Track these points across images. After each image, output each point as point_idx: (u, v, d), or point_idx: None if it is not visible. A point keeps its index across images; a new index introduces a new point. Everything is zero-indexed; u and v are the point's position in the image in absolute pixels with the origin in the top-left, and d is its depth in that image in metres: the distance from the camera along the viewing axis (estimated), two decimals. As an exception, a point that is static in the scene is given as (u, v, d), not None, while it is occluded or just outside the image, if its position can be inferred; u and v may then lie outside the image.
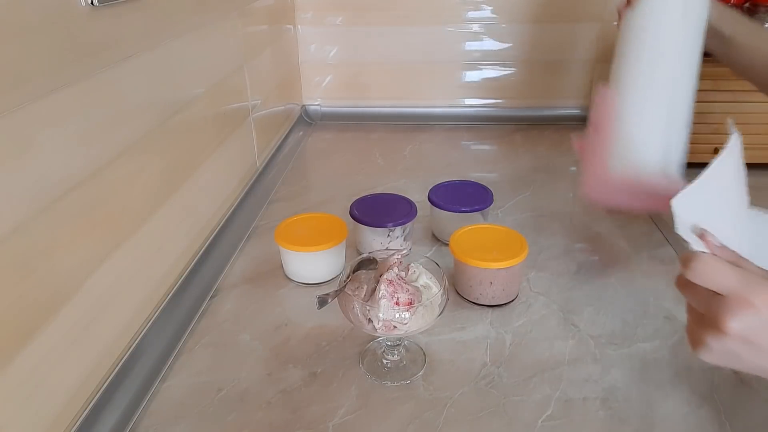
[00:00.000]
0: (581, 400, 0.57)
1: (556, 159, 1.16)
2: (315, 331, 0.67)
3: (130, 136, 0.61)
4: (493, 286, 0.69)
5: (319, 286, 0.75)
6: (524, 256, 0.69)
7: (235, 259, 0.82)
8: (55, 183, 0.49)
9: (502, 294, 0.70)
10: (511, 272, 0.69)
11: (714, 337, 0.39)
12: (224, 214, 0.88)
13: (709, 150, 1.05)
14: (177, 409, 0.57)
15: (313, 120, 1.40)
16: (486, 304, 0.70)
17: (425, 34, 1.31)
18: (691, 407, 0.56)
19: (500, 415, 0.56)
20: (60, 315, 0.50)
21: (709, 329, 0.40)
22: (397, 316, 0.55)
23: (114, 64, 0.57)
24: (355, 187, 1.00)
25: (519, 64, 1.32)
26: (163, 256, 0.70)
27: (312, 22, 1.32)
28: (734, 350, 0.39)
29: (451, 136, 1.28)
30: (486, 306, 0.70)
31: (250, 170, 1.03)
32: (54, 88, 0.48)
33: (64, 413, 0.51)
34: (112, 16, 0.56)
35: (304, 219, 0.79)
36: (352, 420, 0.55)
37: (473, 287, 0.70)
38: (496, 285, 0.69)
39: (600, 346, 0.64)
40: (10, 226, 0.44)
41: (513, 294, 0.71)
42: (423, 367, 0.62)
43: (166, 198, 0.69)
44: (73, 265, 0.52)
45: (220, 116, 0.88)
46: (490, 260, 0.67)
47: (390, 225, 0.78)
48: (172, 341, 0.65)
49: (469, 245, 0.70)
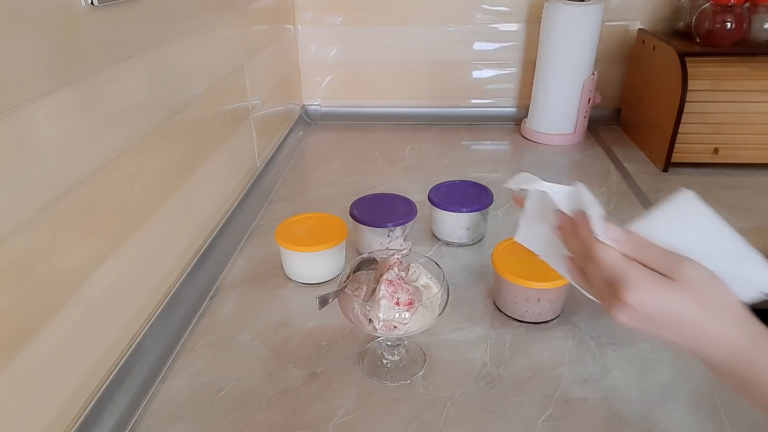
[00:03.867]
0: (581, 400, 0.57)
1: (557, 159, 1.17)
2: (315, 331, 0.67)
3: (130, 136, 0.61)
4: (541, 303, 0.66)
5: (319, 286, 0.75)
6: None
7: (235, 259, 0.82)
8: (55, 183, 0.49)
9: (549, 310, 0.67)
10: (559, 289, 0.66)
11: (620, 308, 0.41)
12: (224, 214, 0.88)
13: (709, 150, 1.05)
14: (177, 409, 0.57)
15: (313, 120, 1.40)
16: (532, 321, 0.68)
17: (425, 34, 1.31)
18: (691, 407, 0.56)
19: (500, 415, 0.56)
20: (60, 315, 0.50)
21: (615, 299, 0.41)
22: (397, 316, 0.55)
23: (114, 64, 0.57)
24: (355, 187, 1.00)
25: (519, 64, 1.32)
26: (163, 256, 0.70)
27: (312, 22, 1.32)
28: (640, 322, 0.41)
29: (451, 136, 1.28)
30: (531, 323, 0.68)
31: (250, 170, 1.03)
32: (54, 88, 0.48)
33: (64, 413, 0.51)
34: (112, 16, 0.56)
35: (304, 219, 0.79)
36: (352, 420, 0.55)
37: (519, 305, 0.67)
38: (544, 302, 0.66)
39: (600, 346, 0.64)
40: (10, 226, 0.44)
41: (559, 310, 0.69)
42: (423, 367, 0.62)
43: (166, 198, 0.69)
44: (73, 265, 0.52)
45: (220, 116, 0.88)
46: (538, 279, 0.64)
47: (390, 225, 0.78)
48: (172, 341, 0.65)
49: (513, 260, 0.67)
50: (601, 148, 1.20)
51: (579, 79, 1.17)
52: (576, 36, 1.13)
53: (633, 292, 0.39)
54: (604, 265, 0.42)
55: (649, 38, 1.16)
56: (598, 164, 1.13)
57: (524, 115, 1.30)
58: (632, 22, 1.25)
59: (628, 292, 0.40)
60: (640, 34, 1.21)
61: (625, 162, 1.12)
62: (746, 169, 1.06)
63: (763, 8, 1.06)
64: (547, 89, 1.20)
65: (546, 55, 1.18)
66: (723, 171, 1.06)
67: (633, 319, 0.41)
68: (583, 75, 1.17)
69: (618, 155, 1.16)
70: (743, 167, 1.06)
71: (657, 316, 0.40)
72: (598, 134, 1.27)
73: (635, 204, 0.95)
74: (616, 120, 1.33)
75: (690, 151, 1.05)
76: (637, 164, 1.11)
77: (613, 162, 1.13)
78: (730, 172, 1.05)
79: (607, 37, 1.25)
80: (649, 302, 0.39)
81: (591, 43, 1.15)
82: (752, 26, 1.07)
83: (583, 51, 1.15)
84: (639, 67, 1.22)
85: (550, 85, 1.20)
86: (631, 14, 1.25)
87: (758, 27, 1.07)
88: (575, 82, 1.18)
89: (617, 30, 1.26)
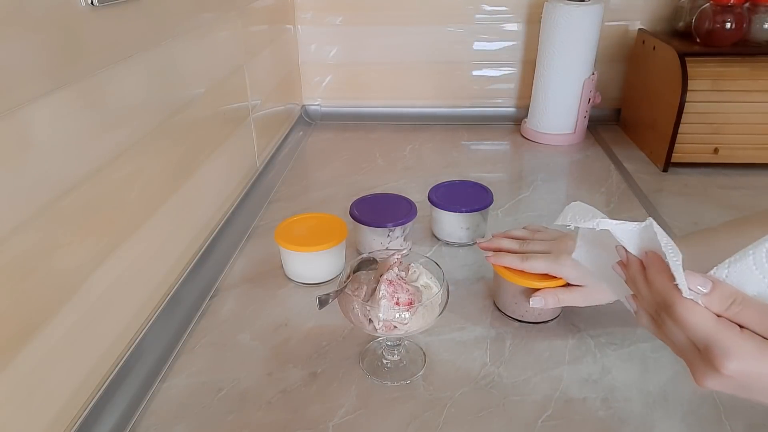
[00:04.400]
0: (581, 400, 0.57)
1: (557, 158, 1.17)
2: (315, 331, 0.67)
3: (130, 136, 0.61)
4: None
5: (319, 286, 0.75)
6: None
7: (235, 259, 0.82)
8: (55, 183, 0.49)
9: (549, 310, 0.67)
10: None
11: (713, 376, 0.36)
12: (224, 214, 0.88)
13: (709, 150, 1.05)
14: (177, 409, 0.57)
15: (313, 120, 1.40)
16: (532, 321, 0.68)
17: (425, 34, 1.31)
18: (691, 407, 0.56)
19: (500, 415, 0.56)
20: (60, 315, 0.50)
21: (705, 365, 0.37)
22: (397, 316, 0.55)
23: (114, 64, 0.57)
24: (355, 187, 1.00)
25: (519, 64, 1.32)
26: (163, 256, 0.70)
27: (312, 22, 1.32)
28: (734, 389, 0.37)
29: (451, 136, 1.28)
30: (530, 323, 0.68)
31: (250, 170, 1.03)
32: (54, 88, 0.48)
33: (64, 413, 0.51)
34: (112, 16, 0.56)
35: (304, 219, 0.79)
36: (352, 420, 0.55)
37: (519, 304, 0.67)
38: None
39: (600, 346, 0.64)
40: (10, 226, 0.44)
41: (559, 310, 0.69)
42: (423, 367, 0.62)
43: (166, 198, 0.69)
44: (73, 265, 0.52)
45: (220, 116, 0.88)
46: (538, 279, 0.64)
47: (390, 225, 0.78)
48: (172, 341, 0.65)
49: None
50: (601, 148, 1.20)
51: (579, 79, 1.17)
52: (576, 36, 1.13)
53: (731, 362, 0.34)
54: (692, 328, 0.36)
55: (649, 38, 1.16)
56: (598, 164, 1.13)
57: (524, 115, 1.30)
58: (632, 22, 1.25)
59: (725, 362, 0.34)
60: (640, 34, 1.21)
61: (625, 162, 1.12)
62: (746, 169, 1.06)
63: (763, 8, 1.06)
64: (547, 89, 1.20)
65: (546, 55, 1.18)
66: (723, 171, 1.06)
67: (726, 386, 0.36)
68: (583, 75, 1.17)
69: (618, 155, 1.16)
70: (743, 167, 1.06)
71: (758, 384, 0.35)
72: (598, 134, 1.27)
73: (635, 204, 0.95)
74: (616, 120, 1.33)
75: (690, 151, 1.05)
76: (637, 164, 1.11)
77: (613, 162, 1.13)
78: (730, 172, 1.05)
79: (607, 37, 1.25)
80: (750, 372, 0.35)
81: (591, 43, 1.15)
82: (752, 26, 1.07)
83: (583, 51, 1.15)
84: (639, 67, 1.22)
85: (550, 85, 1.20)
86: (631, 14, 1.25)
87: (758, 27, 1.07)
88: (575, 82, 1.18)
89: (617, 30, 1.26)
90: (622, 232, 0.39)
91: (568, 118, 1.21)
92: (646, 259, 0.40)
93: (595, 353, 0.63)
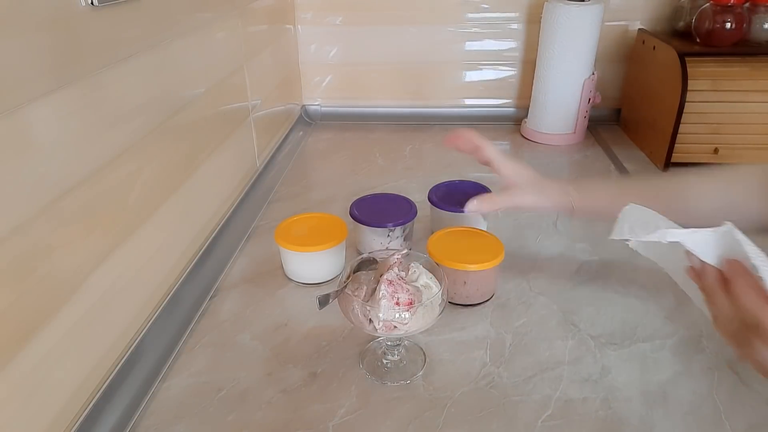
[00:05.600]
0: (581, 400, 0.57)
1: (557, 158, 1.17)
2: (315, 331, 0.67)
3: (130, 136, 0.61)
4: (467, 286, 0.69)
5: (319, 286, 0.75)
6: (500, 260, 0.69)
7: (235, 259, 0.82)
8: (55, 183, 0.49)
9: (476, 293, 0.70)
10: (484, 274, 0.69)
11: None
12: (224, 214, 0.88)
13: (709, 150, 1.05)
14: (177, 409, 0.57)
15: (313, 120, 1.40)
16: (460, 303, 0.71)
17: (425, 34, 1.31)
18: (691, 407, 0.56)
19: (500, 415, 0.56)
20: (60, 315, 0.50)
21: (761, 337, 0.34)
22: (397, 316, 0.55)
23: (114, 64, 0.57)
24: (355, 187, 1.00)
25: (519, 64, 1.32)
26: (163, 256, 0.70)
27: (312, 22, 1.32)
28: None
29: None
30: (460, 305, 0.71)
31: (250, 170, 1.03)
32: (54, 88, 0.48)
33: (64, 413, 0.51)
34: (112, 16, 0.56)
35: (304, 219, 0.79)
36: (352, 420, 0.55)
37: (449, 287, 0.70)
38: (470, 284, 0.69)
39: (600, 346, 0.64)
40: (10, 226, 0.44)
41: (488, 294, 0.72)
42: (423, 367, 0.62)
43: (166, 198, 0.69)
44: (73, 265, 0.52)
45: (220, 116, 0.88)
46: (466, 262, 0.68)
47: (390, 225, 0.78)
48: (172, 341, 0.65)
49: (447, 247, 0.71)
50: (601, 148, 1.20)
51: (579, 79, 1.17)
52: (576, 36, 1.13)
53: None
54: None
55: (649, 38, 1.16)
56: (598, 164, 1.13)
57: (524, 115, 1.30)
58: (632, 22, 1.25)
59: None
60: (640, 34, 1.21)
61: (625, 162, 1.12)
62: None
63: (763, 8, 1.06)
64: (547, 89, 1.20)
65: (546, 55, 1.18)
66: (723, 171, 1.06)
67: None
68: (583, 75, 1.17)
69: (618, 155, 1.16)
70: (743, 167, 1.06)
71: None
72: (598, 134, 1.27)
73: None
74: (616, 120, 1.33)
75: (690, 151, 1.05)
76: (637, 164, 1.11)
77: (613, 162, 1.13)
78: (730, 172, 1.05)
79: (607, 37, 1.25)
80: None
81: (591, 43, 1.15)
82: (752, 26, 1.07)
83: (583, 51, 1.15)
84: (639, 67, 1.22)
85: (550, 85, 1.20)
86: (631, 14, 1.25)
87: (758, 27, 1.07)
88: (575, 82, 1.18)
89: (617, 30, 1.26)
90: (694, 243, 0.36)
91: (568, 118, 1.21)
92: (729, 269, 0.35)
93: (595, 353, 0.63)
